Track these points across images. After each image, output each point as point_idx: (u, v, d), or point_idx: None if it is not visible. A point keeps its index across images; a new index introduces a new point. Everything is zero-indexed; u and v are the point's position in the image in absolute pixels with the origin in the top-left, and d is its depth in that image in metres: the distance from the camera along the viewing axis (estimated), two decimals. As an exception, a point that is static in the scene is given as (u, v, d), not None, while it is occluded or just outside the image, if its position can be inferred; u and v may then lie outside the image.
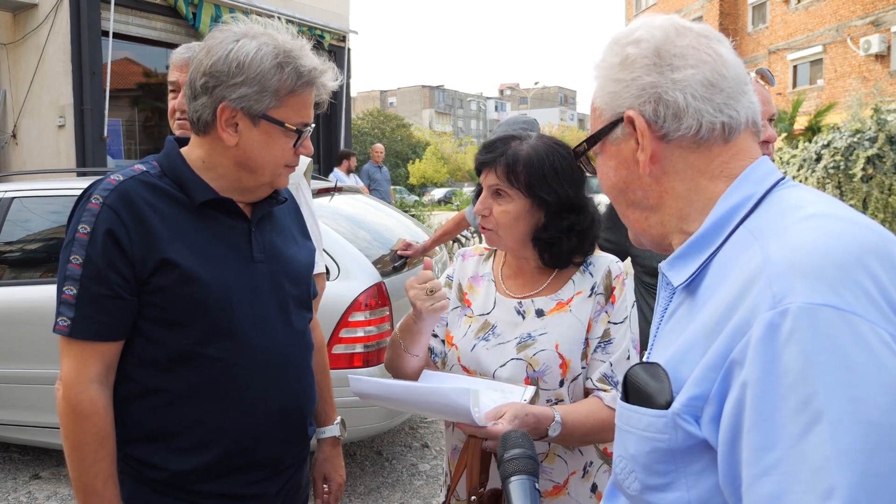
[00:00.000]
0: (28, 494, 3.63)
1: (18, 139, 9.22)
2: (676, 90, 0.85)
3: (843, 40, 20.97)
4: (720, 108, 0.85)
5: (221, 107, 1.28)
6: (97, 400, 1.26)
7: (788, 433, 0.65)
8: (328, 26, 11.68)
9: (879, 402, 0.63)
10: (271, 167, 1.34)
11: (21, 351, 3.59)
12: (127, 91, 10.09)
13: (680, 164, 0.88)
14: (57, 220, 3.92)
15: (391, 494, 3.62)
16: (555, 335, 1.50)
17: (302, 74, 1.30)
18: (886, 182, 11.45)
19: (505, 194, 1.52)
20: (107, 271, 1.24)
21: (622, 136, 0.91)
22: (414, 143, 50.39)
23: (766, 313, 0.68)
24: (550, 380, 1.50)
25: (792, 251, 0.72)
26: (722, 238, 0.83)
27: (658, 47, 0.87)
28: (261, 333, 1.35)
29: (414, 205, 16.53)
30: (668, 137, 0.87)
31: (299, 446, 1.49)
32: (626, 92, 0.88)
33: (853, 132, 12.01)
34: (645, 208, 0.93)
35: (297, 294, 1.47)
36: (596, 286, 1.55)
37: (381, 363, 3.47)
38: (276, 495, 1.45)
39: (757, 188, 0.84)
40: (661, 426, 0.79)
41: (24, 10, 8.90)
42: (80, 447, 1.26)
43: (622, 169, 0.92)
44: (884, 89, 17.25)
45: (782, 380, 0.66)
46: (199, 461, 1.32)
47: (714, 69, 0.86)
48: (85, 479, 1.26)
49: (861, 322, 0.65)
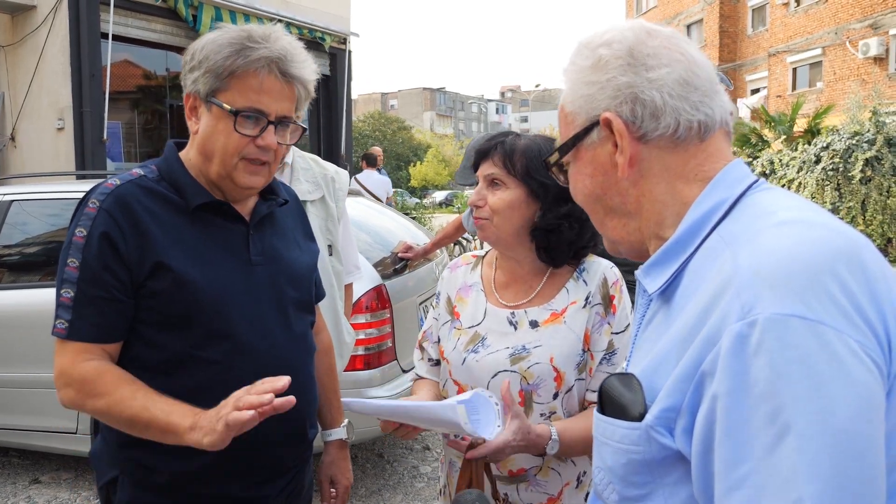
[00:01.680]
0: (28, 499, 3.61)
1: (17, 142, 9.21)
2: (653, 89, 0.84)
3: (842, 43, 20.99)
4: (696, 105, 0.84)
5: (185, 95, 1.34)
6: (100, 365, 1.25)
7: (758, 446, 0.66)
8: (329, 29, 11.68)
9: (846, 412, 0.63)
10: (221, 154, 1.31)
11: (20, 355, 3.58)
12: (126, 93, 10.09)
13: (657, 167, 0.86)
14: (56, 223, 3.92)
15: (392, 497, 3.61)
16: (549, 348, 1.47)
17: (246, 55, 1.26)
18: (885, 184, 11.46)
19: (501, 183, 1.52)
20: (102, 274, 1.25)
21: (598, 141, 0.89)
22: (415, 146, 50.47)
23: (734, 324, 0.68)
24: (544, 393, 1.47)
25: (761, 259, 0.71)
26: (695, 244, 0.82)
27: (631, 47, 0.85)
28: (259, 336, 1.35)
29: (415, 207, 16.52)
30: (646, 138, 0.85)
31: (299, 448, 1.48)
32: (600, 94, 0.86)
33: (852, 134, 12.02)
34: (623, 214, 0.91)
35: (297, 297, 1.46)
36: (591, 296, 1.52)
37: (382, 365, 3.48)
38: (277, 497, 1.44)
39: (730, 192, 0.83)
40: (635, 438, 0.79)
41: (23, 11, 8.90)
42: (114, 394, 1.22)
43: (598, 174, 0.90)
44: (882, 92, 17.26)
45: (751, 391, 0.66)
46: (197, 464, 1.31)
47: (687, 68, 0.85)
48: (147, 415, 1.20)
49: (828, 331, 0.65)
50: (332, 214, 2.52)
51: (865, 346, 0.66)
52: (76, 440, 3.54)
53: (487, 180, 1.54)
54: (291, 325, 1.43)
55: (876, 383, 0.66)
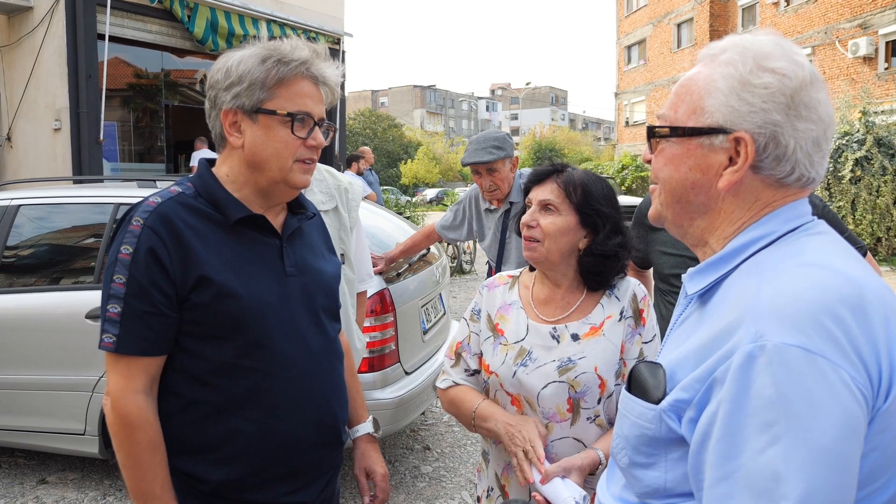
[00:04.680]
0: (36, 499, 3.66)
1: (13, 142, 9.21)
2: (792, 137, 0.89)
3: (831, 43, 21.18)
4: (815, 164, 0.92)
5: (223, 112, 1.38)
6: (145, 408, 1.32)
7: (750, 447, 0.77)
8: (323, 29, 11.71)
9: (831, 432, 0.74)
10: (276, 160, 1.39)
11: (28, 357, 3.62)
12: (122, 93, 10.09)
13: (752, 196, 0.93)
14: (63, 226, 3.96)
15: (395, 496, 3.68)
16: (593, 358, 1.62)
17: (286, 63, 1.36)
18: (874, 184, 11.58)
19: (555, 209, 1.67)
20: (150, 289, 1.30)
21: (716, 145, 0.92)
22: (405, 143, 50.35)
23: (747, 345, 0.80)
24: (590, 399, 1.62)
25: (777, 295, 0.82)
26: (735, 263, 0.93)
27: (796, 90, 0.89)
28: (295, 344, 1.42)
29: (406, 205, 16.54)
30: (760, 171, 0.91)
31: (335, 452, 1.55)
32: (749, 116, 0.90)
33: (842, 134, 12.14)
34: (695, 211, 0.98)
35: (327, 305, 1.54)
36: (624, 310, 1.68)
37: (385, 369, 3.55)
38: (315, 501, 1.51)
39: (779, 227, 0.92)
40: (649, 417, 0.92)
41: (19, 12, 8.89)
42: (134, 456, 1.31)
43: (697, 172, 0.95)
44: (871, 92, 17.43)
45: (752, 402, 0.78)
46: (240, 471, 1.38)
47: (826, 130, 0.91)
48: (143, 486, 1.31)
49: (825, 363, 0.76)
50: (345, 224, 2.58)
51: (856, 379, 0.77)
52: (84, 441, 3.59)
53: (542, 205, 1.68)
54: (323, 332, 1.50)
55: (861, 412, 0.77)
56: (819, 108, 0.90)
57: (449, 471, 3.99)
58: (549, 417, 1.63)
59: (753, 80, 0.90)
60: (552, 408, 1.63)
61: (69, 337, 3.53)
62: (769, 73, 0.89)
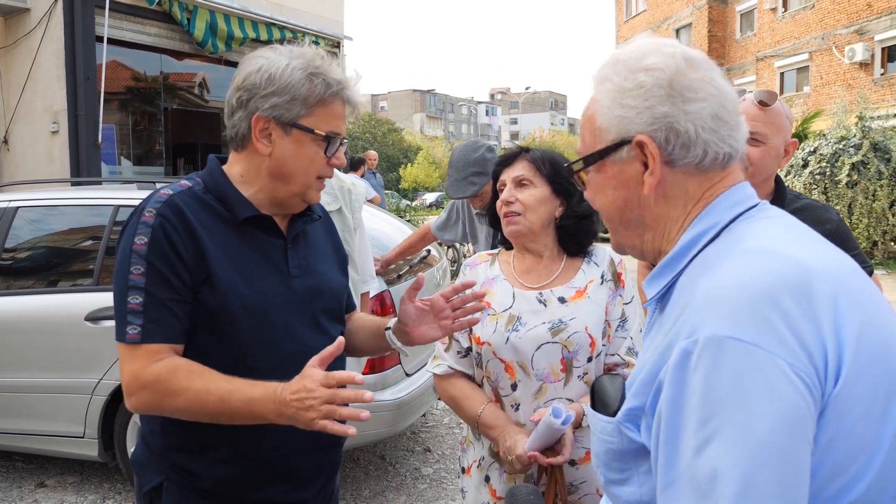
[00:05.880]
0: (35, 502, 3.64)
1: (10, 145, 9.18)
2: (688, 121, 0.89)
3: (828, 48, 21.26)
4: (724, 138, 0.91)
5: (255, 117, 1.37)
6: (169, 362, 1.27)
7: (688, 448, 0.74)
8: (323, 32, 11.70)
9: (767, 424, 0.71)
10: (302, 176, 1.40)
11: (26, 360, 3.61)
12: (120, 96, 10.07)
13: (679, 190, 0.92)
14: (62, 228, 3.95)
15: (396, 498, 3.66)
16: (582, 319, 1.73)
17: (330, 84, 1.38)
18: (871, 188, 11.61)
19: (529, 183, 1.79)
20: (169, 276, 1.29)
21: (626, 158, 0.93)
22: (405, 148, 50.40)
23: (682, 342, 0.77)
24: (582, 357, 1.72)
25: (712, 287, 0.79)
26: (685, 262, 0.91)
27: (672, 79, 0.90)
28: (297, 345, 1.41)
29: (406, 209, 16.54)
30: (674, 163, 0.91)
31: (333, 453, 1.54)
32: (637, 118, 0.91)
33: (839, 139, 12.18)
34: (639, 226, 0.97)
35: (330, 307, 1.53)
36: (605, 274, 1.81)
37: (385, 371, 3.54)
38: (314, 500, 1.50)
39: (722, 217, 0.90)
40: (609, 430, 0.91)
41: (16, 14, 8.87)
42: (189, 397, 1.25)
43: (622, 188, 0.95)
44: (868, 97, 17.49)
45: (687, 402, 0.75)
46: (239, 471, 1.37)
47: (720, 102, 0.91)
48: (215, 399, 1.23)
49: (760, 353, 0.72)
50: (349, 225, 2.58)
51: (796, 367, 0.72)
52: (83, 444, 3.57)
53: (515, 181, 1.80)
54: (325, 334, 1.49)
55: (804, 401, 0.72)
56: (704, 87, 0.90)
57: (450, 472, 3.98)
58: (542, 379, 1.71)
59: (628, 85, 0.92)
60: (546, 368, 1.70)
61: (68, 339, 3.52)
62: (641, 72, 0.91)
